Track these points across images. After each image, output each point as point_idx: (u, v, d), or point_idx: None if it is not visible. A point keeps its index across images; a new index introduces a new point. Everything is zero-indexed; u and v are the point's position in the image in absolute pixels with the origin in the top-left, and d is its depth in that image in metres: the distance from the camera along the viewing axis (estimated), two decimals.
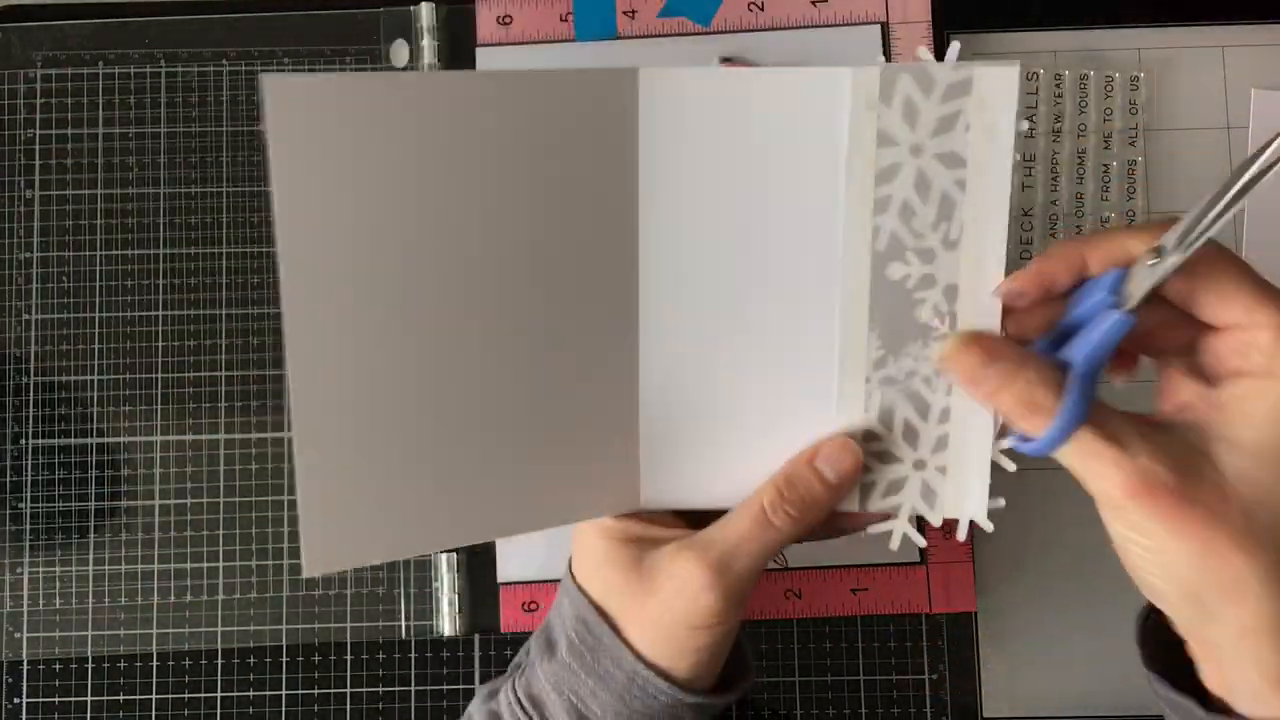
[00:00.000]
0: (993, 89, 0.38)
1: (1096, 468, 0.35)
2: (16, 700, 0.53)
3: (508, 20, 0.55)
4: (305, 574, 0.37)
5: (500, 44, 0.55)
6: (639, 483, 0.42)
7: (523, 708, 0.41)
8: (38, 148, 0.56)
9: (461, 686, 0.53)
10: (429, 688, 0.53)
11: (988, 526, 0.40)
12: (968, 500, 0.41)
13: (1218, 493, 0.34)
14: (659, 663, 0.40)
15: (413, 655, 0.54)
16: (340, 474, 0.37)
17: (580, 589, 0.42)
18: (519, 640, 0.53)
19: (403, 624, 0.53)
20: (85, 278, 0.55)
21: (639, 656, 0.40)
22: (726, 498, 0.41)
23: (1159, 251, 0.34)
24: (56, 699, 0.53)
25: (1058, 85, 0.55)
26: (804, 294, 0.40)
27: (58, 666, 0.54)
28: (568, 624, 0.41)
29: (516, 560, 0.53)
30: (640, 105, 0.39)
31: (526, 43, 0.55)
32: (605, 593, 0.41)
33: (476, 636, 0.54)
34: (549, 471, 0.40)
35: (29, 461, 0.54)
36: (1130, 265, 0.35)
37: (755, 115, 0.39)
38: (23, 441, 0.55)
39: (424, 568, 0.53)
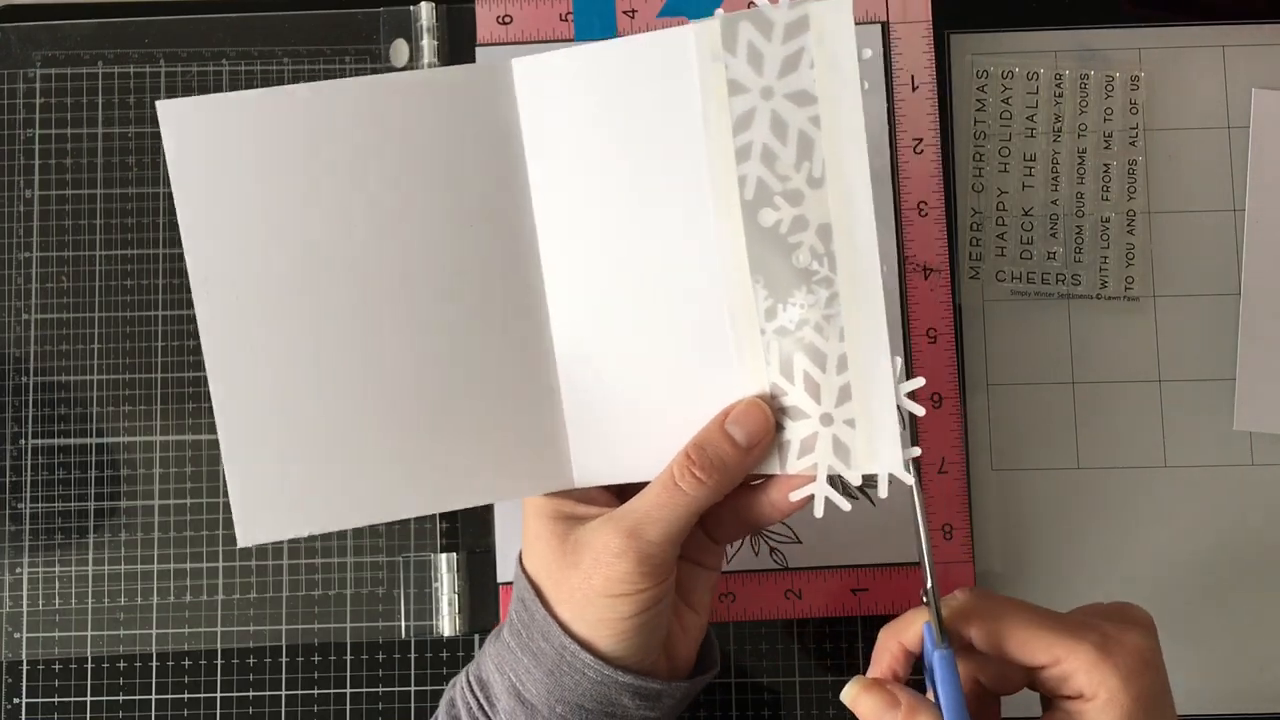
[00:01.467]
0: (830, 22, 0.38)
1: None
2: (16, 700, 0.53)
3: (507, 20, 0.55)
4: (240, 544, 0.40)
5: (500, 43, 0.55)
6: (569, 461, 0.43)
7: (472, 690, 0.42)
8: (37, 147, 0.56)
9: None
10: (429, 688, 0.53)
11: (907, 479, 0.39)
12: (881, 453, 0.39)
13: None
14: (581, 634, 0.40)
15: (413, 655, 0.53)
16: (262, 447, 0.40)
17: (523, 570, 0.43)
18: None
19: (403, 624, 0.53)
20: (85, 278, 0.55)
21: (566, 630, 0.40)
22: (651, 469, 0.42)
23: (925, 594, 0.40)
24: (56, 699, 0.53)
25: (1058, 85, 0.55)
26: (689, 252, 0.41)
27: (57, 666, 0.53)
28: (513, 605, 0.43)
29: None
30: (517, 90, 0.41)
31: (526, 42, 0.55)
32: (537, 569, 0.42)
33: (476, 636, 0.54)
34: (474, 447, 0.42)
35: (29, 461, 0.54)
36: (927, 621, 0.40)
37: (620, 85, 0.40)
38: (22, 441, 0.55)
39: (424, 568, 0.53)
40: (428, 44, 0.55)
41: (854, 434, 0.39)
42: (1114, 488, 0.54)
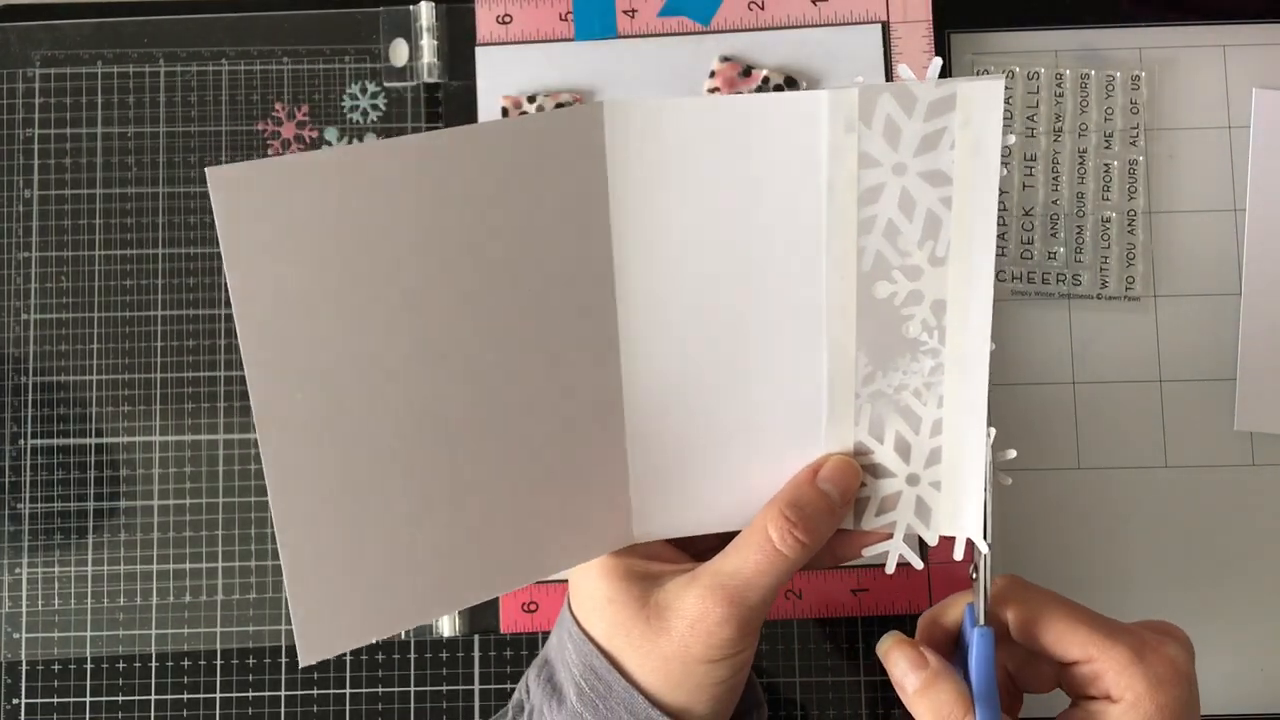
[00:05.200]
0: (977, 105, 0.37)
1: None
2: (16, 701, 0.53)
3: (507, 19, 0.55)
4: (302, 663, 0.36)
5: (500, 43, 0.55)
6: (630, 517, 0.41)
7: None
8: (36, 147, 0.56)
9: (461, 687, 0.53)
10: (429, 688, 0.53)
11: (983, 547, 0.40)
12: (963, 517, 0.40)
13: None
14: (675, 703, 0.39)
15: (412, 655, 0.53)
16: (326, 558, 0.36)
17: (584, 632, 0.41)
18: (519, 641, 0.53)
19: None
20: (84, 277, 0.55)
21: (652, 701, 0.39)
22: (720, 521, 0.41)
23: (974, 570, 0.40)
24: (56, 699, 0.53)
25: (1058, 85, 0.55)
26: (790, 316, 0.40)
27: (57, 667, 0.53)
28: (574, 671, 0.40)
29: None
30: (607, 139, 0.38)
31: (526, 42, 0.55)
32: (611, 633, 0.40)
33: (476, 637, 0.53)
34: (540, 522, 0.39)
35: (28, 461, 0.54)
36: (969, 601, 0.41)
37: (730, 142, 0.38)
38: (22, 441, 0.54)
39: None
40: (427, 44, 0.55)
41: (939, 496, 0.40)
42: (1114, 488, 0.54)
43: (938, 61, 0.38)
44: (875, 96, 0.37)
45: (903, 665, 0.40)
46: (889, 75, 0.54)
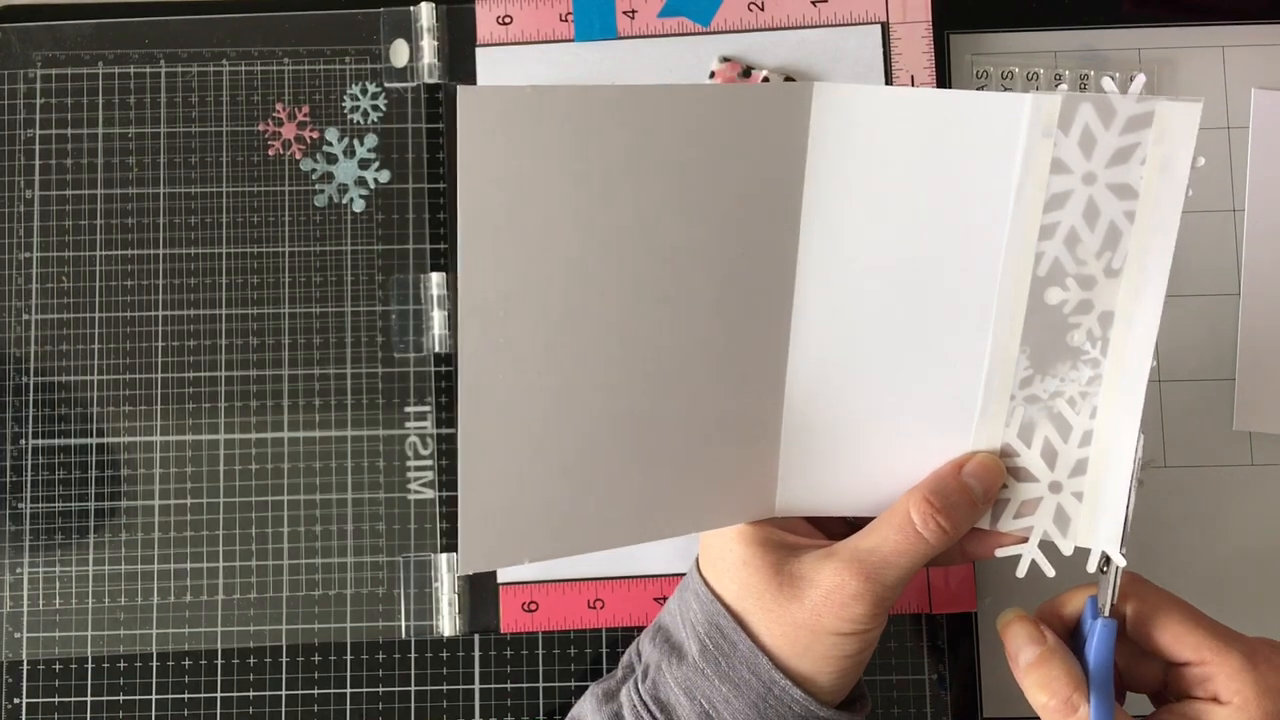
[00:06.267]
0: (1174, 124, 0.38)
1: None
2: (16, 700, 0.53)
3: (508, 20, 0.55)
4: (460, 572, 0.38)
5: (500, 44, 0.55)
6: (775, 490, 0.42)
7: (649, 711, 0.41)
8: (37, 148, 0.56)
9: (461, 687, 0.53)
10: (429, 688, 0.53)
11: (1120, 561, 0.40)
12: (1101, 529, 0.41)
13: None
14: (799, 670, 0.40)
15: (413, 655, 0.53)
16: (498, 475, 0.38)
17: (713, 592, 0.42)
18: (519, 641, 0.53)
19: (403, 624, 0.53)
20: (85, 278, 0.55)
21: (776, 664, 0.40)
22: (859, 505, 0.42)
23: (1107, 562, 0.41)
24: (56, 699, 0.53)
25: (1058, 85, 0.55)
26: (958, 312, 0.40)
27: (57, 666, 0.53)
28: (699, 628, 0.41)
29: None
30: (812, 120, 0.39)
31: (526, 42, 0.55)
32: (742, 596, 0.41)
33: (476, 637, 0.54)
34: (692, 482, 0.41)
35: (29, 461, 0.54)
36: (1092, 593, 0.41)
37: (926, 135, 0.39)
38: (23, 441, 0.55)
39: (424, 568, 0.53)
40: (428, 44, 0.55)
41: (1079, 507, 0.41)
42: None
43: (1142, 77, 0.39)
44: (1077, 105, 0.38)
45: (1020, 639, 0.41)
46: (889, 78, 0.54)
